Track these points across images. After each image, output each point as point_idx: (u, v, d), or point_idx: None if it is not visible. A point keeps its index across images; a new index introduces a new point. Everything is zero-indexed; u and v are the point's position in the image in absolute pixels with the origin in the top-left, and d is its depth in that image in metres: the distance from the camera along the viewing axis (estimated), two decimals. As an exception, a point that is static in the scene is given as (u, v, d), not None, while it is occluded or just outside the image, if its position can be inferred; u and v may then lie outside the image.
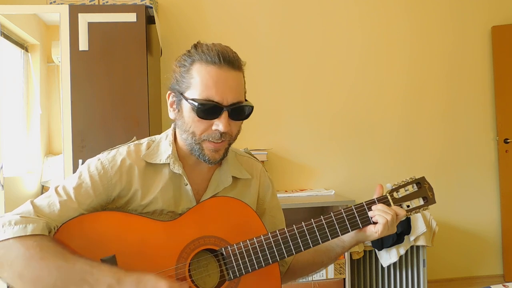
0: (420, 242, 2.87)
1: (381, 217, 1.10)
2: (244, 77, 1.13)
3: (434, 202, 1.19)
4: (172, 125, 1.19)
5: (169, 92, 1.13)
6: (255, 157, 1.31)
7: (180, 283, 0.97)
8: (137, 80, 2.57)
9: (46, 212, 1.01)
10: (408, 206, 1.16)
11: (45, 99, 2.88)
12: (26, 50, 2.84)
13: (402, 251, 2.85)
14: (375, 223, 1.12)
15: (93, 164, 1.11)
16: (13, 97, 2.80)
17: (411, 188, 1.18)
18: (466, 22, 3.52)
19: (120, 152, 1.14)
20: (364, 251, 2.93)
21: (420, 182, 1.19)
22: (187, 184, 1.14)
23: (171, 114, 1.13)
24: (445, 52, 3.50)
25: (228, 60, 1.06)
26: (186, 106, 1.07)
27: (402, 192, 1.17)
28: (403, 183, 1.18)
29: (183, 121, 1.09)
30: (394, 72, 3.44)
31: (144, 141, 1.19)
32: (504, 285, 1.69)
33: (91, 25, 2.57)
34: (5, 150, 2.59)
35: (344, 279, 2.74)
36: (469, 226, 3.50)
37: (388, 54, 3.44)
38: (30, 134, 2.86)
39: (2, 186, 2.50)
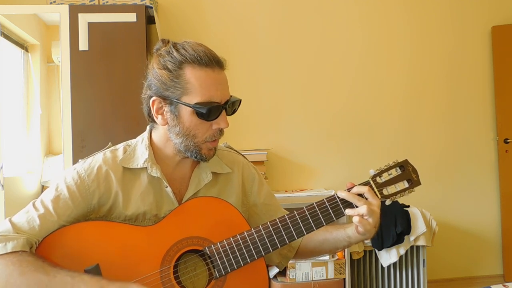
0: (420, 242, 2.87)
1: (364, 225, 1.07)
2: None
3: (419, 183, 1.16)
4: (148, 128, 1.19)
5: (153, 98, 1.10)
6: (236, 151, 1.30)
7: None
8: (137, 80, 2.56)
9: (26, 229, 1.00)
10: (385, 192, 1.13)
11: (45, 99, 2.87)
12: (26, 50, 2.84)
13: (402, 251, 2.85)
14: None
15: (69, 175, 1.09)
16: (13, 97, 2.80)
17: (395, 172, 1.15)
18: (466, 22, 3.52)
19: (96, 159, 1.13)
20: (364, 251, 2.93)
21: (404, 165, 1.17)
22: (167, 187, 1.13)
23: (160, 121, 1.11)
24: (445, 52, 3.50)
25: (217, 60, 1.08)
26: (185, 111, 1.07)
27: (385, 177, 1.14)
28: (385, 167, 1.16)
29: (181, 126, 1.08)
30: (394, 72, 3.44)
31: (120, 146, 1.18)
32: (504, 285, 1.69)
33: (91, 25, 2.57)
34: (5, 150, 2.59)
35: (344, 279, 2.74)
36: (469, 226, 3.50)
37: (388, 54, 3.43)
38: (30, 134, 2.86)
39: (2, 186, 2.50)
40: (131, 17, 2.59)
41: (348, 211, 1.09)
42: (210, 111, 1.05)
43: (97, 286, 0.93)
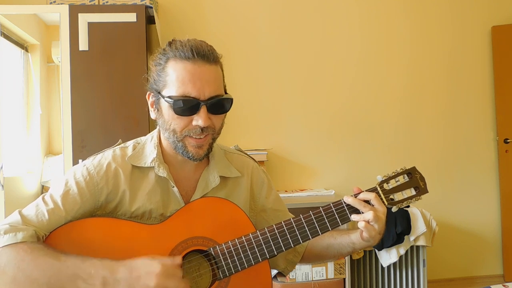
0: (420, 242, 2.87)
1: (369, 231, 1.07)
2: (222, 70, 1.11)
3: (426, 191, 1.16)
4: (157, 127, 1.18)
5: (148, 92, 1.12)
6: (246, 154, 1.29)
7: (172, 259, 0.98)
8: (137, 80, 2.56)
9: (35, 222, 1.01)
10: (392, 199, 1.13)
11: (45, 99, 2.88)
12: (26, 50, 2.84)
13: (402, 251, 2.85)
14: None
15: (78, 171, 1.10)
16: (13, 97, 2.80)
17: (402, 179, 1.15)
18: (466, 22, 3.52)
19: (106, 156, 1.13)
20: (364, 251, 2.93)
21: (411, 173, 1.16)
22: (173, 187, 1.13)
23: (152, 115, 1.13)
24: (445, 52, 3.50)
25: (202, 54, 1.05)
26: (164, 105, 1.07)
27: (392, 183, 1.14)
28: (393, 174, 1.15)
29: (163, 120, 1.08)
30: (394, 72, 3.44)
31: (130, 143, 1.18)
32: (504, 285, 1.69)
33: (91, 25, 2.57)
34: (5, 150, 2.59)
35: (344, 279, 2.74)
36: (469, 226, 3.50)
37: (388, 53, 3.43)
38: (30, 134, 2.86)
39: (2, 186, 2.50)
40: (131, 17, 2.60)
41: (354, 217, 1.09)
42: (181, 105, 1.03)
43: (107, 268, 0.94)
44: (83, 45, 2.56)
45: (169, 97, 1.05)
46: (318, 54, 3.36)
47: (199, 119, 1.04)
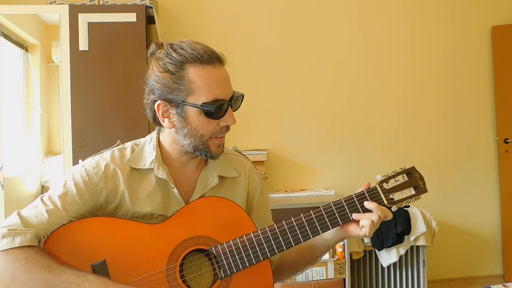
0: (420, 242, 2.87)
1: (371, 230, 1.09)
2: None
3: (426, 191, 1.17)
4: (156, 129, 1.18)
5: (158, 102, 1.08)
6: (244, 155, 1.30)
7: None
8: (137, 80, 2.56)
9: (34, 223, 1.00)
10: (392, 199, 1.14)
11: (45, 99, 2.88)
12: (26, 50, 2.85)
13: (402, 251, 2.85)
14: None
15: (77, 172, 1.10)
16: (13, 97, 2.80)
17: (401, 179, 1.16)
18: (466, 22, 3.52)
19: (104, 157, 1.13)
20: (364, 251, 2.93)
21: (410, 172, 1.17)
22: (173, 188, 1.13)
23: (167, 124, 1.09)
24: (445, 52, 3.50)
25: (217, 56, 1.08)
26: (192, 112, 1.06)
27: (392, 183, 1.15)
28: (393, 173, 1.16)
29: (189, 127, 1.07)
30: (394, 72, 3.44)
31: (128, 145, 1.17)
32: (504, 285, 1.69)
33: (91, 25, 2.57)
34: (5, 150, 2.59)
35: (344, 279, 2.74)
36: (469, 226, 3.50)
37: (388, 53, 3.43)
38: (30, 134, 2.86)
39: (2, 186, 2.50)
40: (131, 17, 2.60)
41: (355, 216, 1.10)
42: (217, 110, 1.05)
43: (103, 287, 0.94)
44: (83, 45, 2.56)
45: (204, 103, 1.04)
46: (318, 54, 3.36)
47: (228, 120, 1.09)
